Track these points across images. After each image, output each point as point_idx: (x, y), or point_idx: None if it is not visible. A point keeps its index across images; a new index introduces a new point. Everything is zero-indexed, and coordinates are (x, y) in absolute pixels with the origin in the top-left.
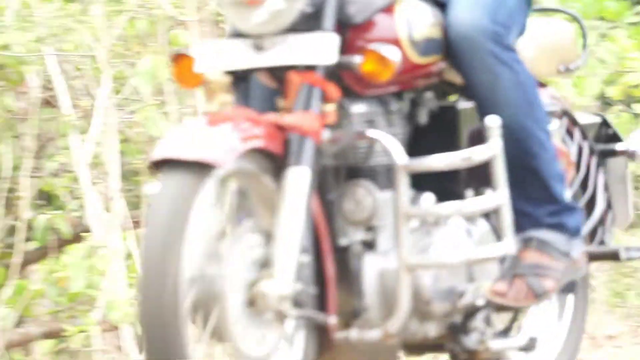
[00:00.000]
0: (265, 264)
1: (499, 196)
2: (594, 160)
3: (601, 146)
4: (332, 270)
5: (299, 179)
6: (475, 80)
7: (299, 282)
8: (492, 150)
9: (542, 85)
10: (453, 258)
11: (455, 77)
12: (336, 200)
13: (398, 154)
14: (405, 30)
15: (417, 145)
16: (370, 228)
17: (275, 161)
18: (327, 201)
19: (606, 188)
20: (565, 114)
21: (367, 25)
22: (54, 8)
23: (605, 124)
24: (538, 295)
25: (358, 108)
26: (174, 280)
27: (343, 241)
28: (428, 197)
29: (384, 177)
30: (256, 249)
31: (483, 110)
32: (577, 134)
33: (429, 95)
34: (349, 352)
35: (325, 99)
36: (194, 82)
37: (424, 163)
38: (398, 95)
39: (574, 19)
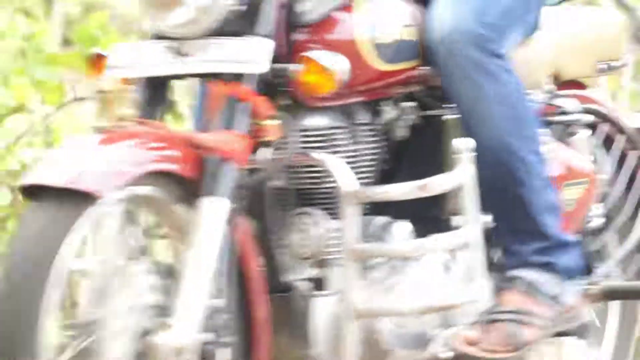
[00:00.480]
0: (164, 310)
1: (469, 232)
2: None
3: None
4: (264, 315)
5: (214, 211)
6: (455, 90)
7: (208, 332)
8: (459, 178)
9: (580, 86)
10: (410, 305)
11: None
12: (281, 230)
13: (345, 179)
14: (367, 31)
15: (399, 162)
16: (320, 263)
17: (189, 187)
18: (269, 231)
19: None
20: (606, 119)
21: (320, 25)
22: None
23: None
24: (517, 346)
25: (310, 122)
26: (31, 330)
27: (288, 278)
28: (402, 227)
29: (340, 204)
30: (155, 291)
31: (465, 125)
32: (621, 143)
33: (408, 105)
34: None
35: (254, 114)
36: None
37: (375, 192)
38: (369, 105)
39: (623, 7)
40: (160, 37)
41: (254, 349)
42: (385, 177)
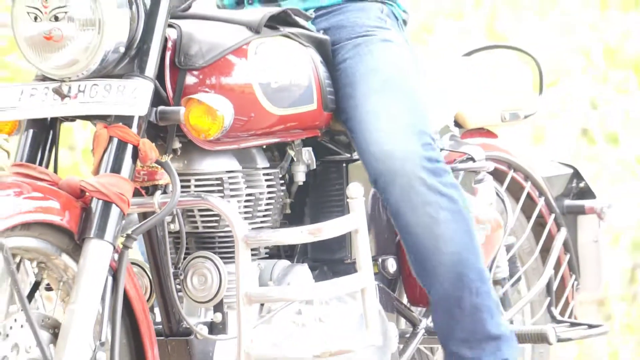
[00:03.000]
0: None
1: (362, 277)
2: (551, 219)
3: (568, 202)
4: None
5: (96, 255)
6: (408, 220)
7: None
8: (353, 223)
9: (490, 134)
10: (305, 350)
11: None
12: (179, 275)
13: (238, 223)
14: (261, 76)
15: (301, 207)
16: (219, 307)
17: (72, 237)
18: (167, 275)
19: (567, 249)
20: (511, 166)
21: (212, 69)
22: None
23: (577, 175)
24: None
25: (204, 166)
26: None
27: (188, 323)
28: (300, 271)
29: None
30: (34, 349)
31: (419, 249)
32: (526, 190)
33: (307, 149)
34: None
35: (141, 157)
36: None
37: (269, 236)
38: (266, 149)
39: (530, 57)
40: (43, 78)
41: None
42: (293, 221)
